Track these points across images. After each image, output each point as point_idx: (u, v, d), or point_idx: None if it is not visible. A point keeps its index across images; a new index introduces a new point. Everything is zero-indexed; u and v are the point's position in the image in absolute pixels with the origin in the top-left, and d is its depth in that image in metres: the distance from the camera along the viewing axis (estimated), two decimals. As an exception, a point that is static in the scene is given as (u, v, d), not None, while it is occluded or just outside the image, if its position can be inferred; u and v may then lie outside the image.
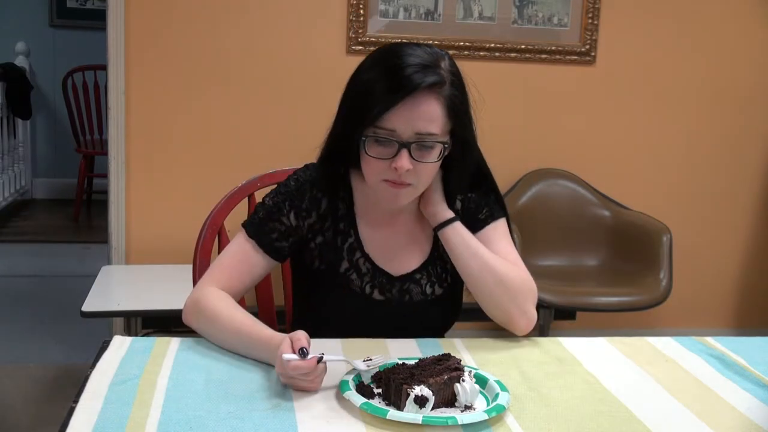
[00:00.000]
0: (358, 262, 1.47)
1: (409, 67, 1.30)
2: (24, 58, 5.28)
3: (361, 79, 1.36)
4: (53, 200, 5.53)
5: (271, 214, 1.45)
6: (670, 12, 3.32)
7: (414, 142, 1.31)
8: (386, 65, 1.33)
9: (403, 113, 1.30)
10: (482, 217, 1.50)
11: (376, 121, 1.30)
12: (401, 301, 1.48)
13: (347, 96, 1.40)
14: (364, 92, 1.33)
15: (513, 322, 1.44)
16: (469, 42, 3.19)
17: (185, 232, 2.12)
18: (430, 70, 1.31)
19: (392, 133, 1.31)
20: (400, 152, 1.31)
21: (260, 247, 1.44)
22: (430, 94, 1.31)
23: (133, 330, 2.68)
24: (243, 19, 3.07)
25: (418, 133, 1.31)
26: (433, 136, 1.32)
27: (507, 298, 1.42)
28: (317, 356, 1.16)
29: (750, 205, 3.52)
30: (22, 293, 3.89)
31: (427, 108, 1.31)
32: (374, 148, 1.33)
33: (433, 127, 1.32)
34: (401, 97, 1.29)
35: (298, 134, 3.06)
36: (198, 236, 1.68)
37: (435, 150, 1.34)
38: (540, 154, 3.32)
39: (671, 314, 3.39)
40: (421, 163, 1.33)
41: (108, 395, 1.14)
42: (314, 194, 1.46)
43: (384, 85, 1.30)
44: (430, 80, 1.30)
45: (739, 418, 1.20)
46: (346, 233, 1.47)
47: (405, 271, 1.49)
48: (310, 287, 1.51)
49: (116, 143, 3.04)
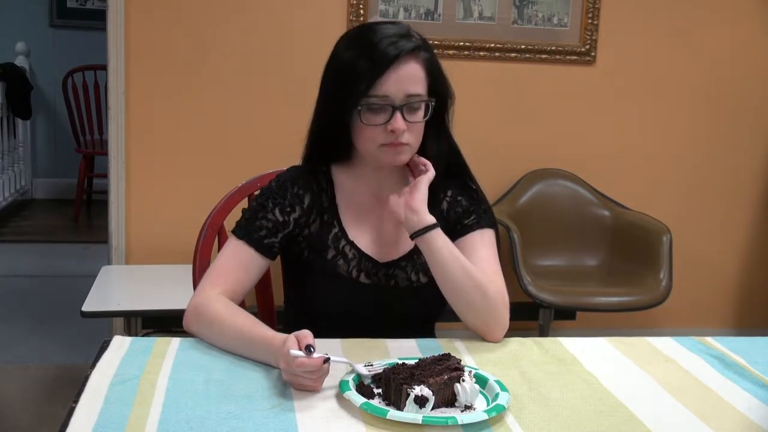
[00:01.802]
0: (344, 249, 1.51)
1: (388, 38, 1.41)
2: (24, 58, 5.27)
3: (342, 59, 1.45)
4: (53, 200, 5.53)
5: (256, 213, 1.49)
6: (669, 12, 3.32)
7: (405, 105, 1.41)
8: (364, 43, 1.42)
9: (393, 78, 1.40)
10: (468, 222, 1.53)
11: (369, 90, 1.39)
12: (388, 286, 1.52)
13: (330, 78, 1.47)
14: (350, 69, 1.41)
15: (489, 333, 1.44)
16: (469, 42, 3.19)
17: (185, 232, 2.12)
18: (405, 38, 1.43)
19: (385, 98, 1.40)
20: (395, 115, 1.40)
21: (250, 246, 1.46)
22: (411, 57, 1.42)
23: (133, 330, 2.68)
24: (243, 19, 3.07)
25: (409, 95, 1.41)
26: (420, 96, 1.43)
27: (485, 309, 1.43)
28: (324, 356, 1.16)
29: (750, 205, 3.53)
30: (22, 293, 3.89)
31: (412, 71, 1.42)
32: (369, 117, 1.42)
33: (419, 87, 1.43)
34: (388, 64, 1.39)
35: (298, 134, 3.04)
36: (198, 236, 1.68)
37: (422, 109, 1.44)
38: (540, 154, 3.32)
39: (671, 314, 3.39)
40: (413, 123, 1.43)
41: (108, 395, 1.14)
42: (296, 191, 1.51)
43: (369, 58, 1.39)
44: (410, 46, 1.42)
45: (739, 418, 1.20)
46: (330, 224, 1.52)
47: (390, 258, 1.52)
48: (300, 277, 1.54)
49: (116, 143, 3.04)
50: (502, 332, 1.45)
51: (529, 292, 2.83)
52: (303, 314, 1.54)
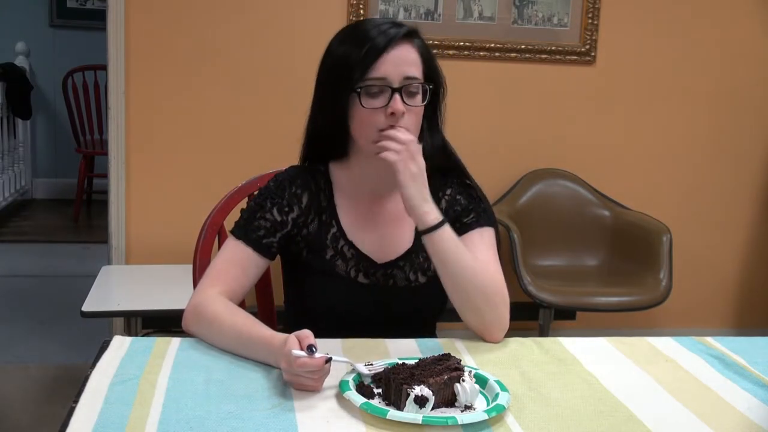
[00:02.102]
0: (342, 249, 1.51)
1: (379, 26, 1.43)
2: (24, 58, 5.28)
3: (336, 53, 1.45)
4: (53, 200, 5.53)
5: (255, 213, 1.49)
6: (669, 12, 3.32)
7: (403, 87, 1.41)
8: (357, 34, 1.44)
9: (390, 60, 1.40)
10: (468, 221, 1.53)
11: (365, 74, 1.40)
12: (386, 286, 1.51)
13: (325, 72, 1.48)
14: (344, 59, 1.42)
15: (489, 333, 1.44)
16: (469, 42, 3.19)
17: (185, 232, 2.12)
18: (397, 25, 1.44)
19: (384, 80, 1.40)
20: (394, 96, 1.40)
21: (249, 246, 1.46)
22: (406, 41, 1.43)
23: (133, 330, 2.68)
24: (243, 19, 3.07)
25: (407, 77, 1.41)
26: (417, 79, 1.43)
27: (487, 309, 1.42)
28: (325, 356, 1.16)
29: (750, 205, 3.53)
30: (22, 293, 3.89)
31: (409, 54, 1.43)
32: (368, 100, 1.41)
33: (415, 70, 1.43)
34: (385, 47, 1.40)
35: (298, 134, 3.04)
36: (198, 236, 1.68)
37: (420, 93, 1.44)
38: (540, 154, 3.32)
39: (671, 314, 3.39)
40: (412, 107, 1.42)
41: (108, 395, 1.14)
42: (294, 191, 1.51)
43: (363, 46, 1.40)
44: (405, 30, 1.44)
45: (739, 418, 1.20)
46: (329, 224, 1.51)
47: (388, 258, 1.52)
48: (299, 276, 1.54)
49: (116, 143, 3.04)
50: (501, 333, 1.44)
51: (529, 292, 2.83)
52: (303, 314, 1.54)
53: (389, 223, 1.53)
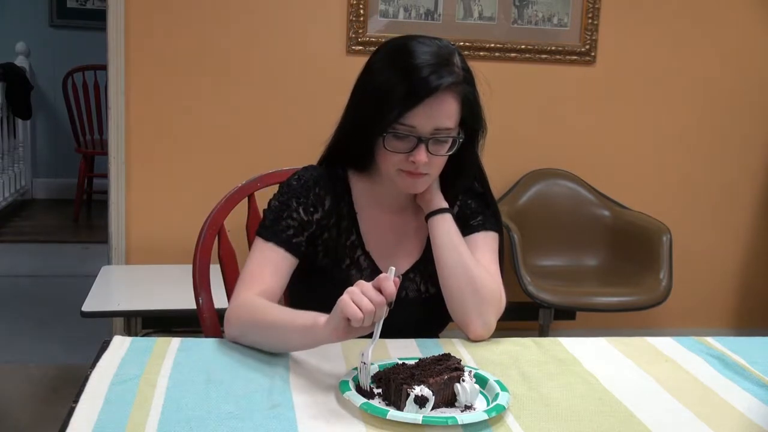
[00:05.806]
0: (359, 260, 1.50)
1: (426, 68, 1.35)
2: (24, 58, 5.27)
3: (376, 81, 1.40)
4: (53, 200, 5.53)
5: (281, 212, 1.47)
6: (669, 12, 3.32)
7: (431, 138, 1.37)
8: (401, 66, 1.37)
9: (423, 112, 1.35)
10: (474, 223, 1.54)
11: (398, 119, 1.35)
12: (398, 297, 1.49)
13: (362, 97, 1.43)
14: (383, 94, 1.36)
15: (470, 325, 1.44)
16: (469, 42, 3.18)
17: (185, 232, 2.12)
18: (446, 69, 1.36)
19: (412, 129, 1.36)
20: (419, 147, 1.36)
21: (280, 246, 1.44)
22: (447, 93, 1.36)
23: (133, 330, 2.69)
24: (243, 19, 3.07)
25: (437, 128, 1.37)
26: (449, 130, 1.38)
27: (473, 301, 1.43)
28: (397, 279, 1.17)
29: (750, 206, 3.53)
30: (22, 293, 3.89)
31: (446, 106, 1.37)
32: (393, 143, 1.38)
33: (450, 122, 1.38)
34: (422, 98, 1.34)
35: (298, 134, 3.07)
36: (198, 236, 1.68)
37: (448, 143, 1.40)
38: (540, 154, 3.32)
39: (671, 314, 3.39)
40: (436, 156, 1.39)
41: (108, 395, 1.14)
42: (318, 192, 1.49)
43: (403, 88, 1.34)
44: (448, 81, 1.35)
45: (739, 418, 1.20)
46: (348, 231, 1.50)
47: (402, 270, 1.51)
48: (312, 281, 1.52)
49: (116, 143, 3.04)
50: (483, 330, 1.44)
51: (529, 292, 2.83)
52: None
53: (404, 235, 1.53)
